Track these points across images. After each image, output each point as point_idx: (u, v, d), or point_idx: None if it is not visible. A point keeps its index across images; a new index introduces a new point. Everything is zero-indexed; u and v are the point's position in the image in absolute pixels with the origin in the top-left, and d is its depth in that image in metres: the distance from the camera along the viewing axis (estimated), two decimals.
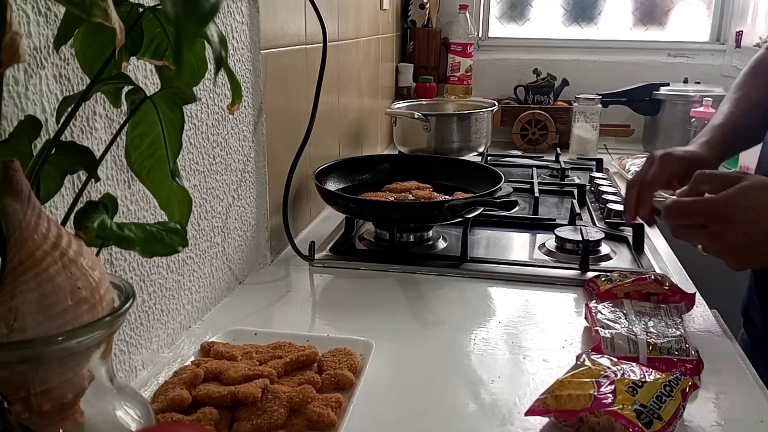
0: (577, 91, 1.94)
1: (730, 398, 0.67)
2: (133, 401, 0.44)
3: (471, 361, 0.74)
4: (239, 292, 0.92)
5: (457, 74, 2.07)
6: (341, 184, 1.21)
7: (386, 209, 1.05)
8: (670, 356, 0.70)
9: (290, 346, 0.71)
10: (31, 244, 0.36)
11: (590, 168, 1.65)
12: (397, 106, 1.68)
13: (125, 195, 0.63)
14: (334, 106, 1.31)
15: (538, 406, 0.61)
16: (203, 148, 0.79)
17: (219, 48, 0.39)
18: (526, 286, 0.95)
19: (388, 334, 0.79)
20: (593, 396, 0.59)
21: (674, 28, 2.16)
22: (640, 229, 1.10)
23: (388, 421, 0.63)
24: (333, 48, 1.23)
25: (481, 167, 1.25)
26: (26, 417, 0.37)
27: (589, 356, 0.67)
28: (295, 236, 1.08)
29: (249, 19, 0.89)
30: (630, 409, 0.56)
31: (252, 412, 0.59)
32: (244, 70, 0.89)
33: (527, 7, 2.22)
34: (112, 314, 0.38)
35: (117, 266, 0.63)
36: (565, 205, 1.32)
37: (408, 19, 2.06)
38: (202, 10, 0.31)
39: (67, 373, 0.37)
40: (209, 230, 0.83)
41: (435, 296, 0.92)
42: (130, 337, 0.66)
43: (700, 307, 0.87)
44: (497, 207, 1.00)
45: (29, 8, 0.49)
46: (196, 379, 0.63)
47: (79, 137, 0.56)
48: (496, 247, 1.12)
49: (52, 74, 0.52)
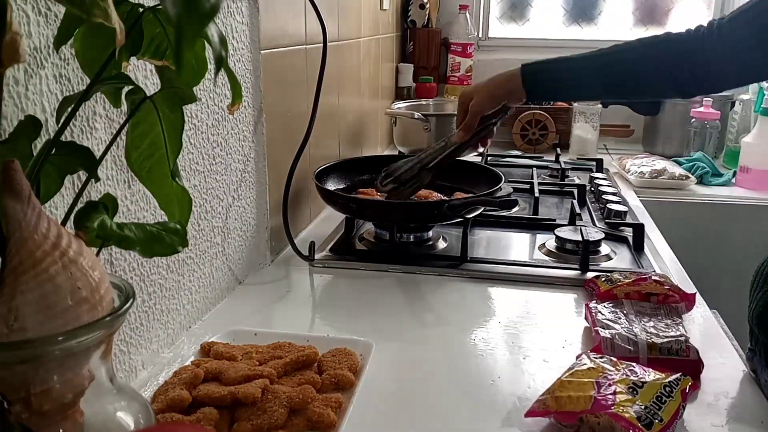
0: None
1: (730, 398, 0.67)
2: (133, 401, 0.44)
3: (471, 362, 0.74)
4: (239, 293, 0.92)
5: (457, 74, 2.08)
6: (341, 185, 1.21)
7: (386, 209, 1.05)
8: (670, 356, 0.70)
9: (290, 347, 0.71)
10: (31, 244, 0.36)
11: (590, 168, 1.65)
12: (397, 106, 1.68)
13: (125, 195, 0.63)
14: (334, 106, 1.31)
15: (538, 408, 0.61)
16: (203, 148, 0.79)
17: (219, 48, 0.39)
18: (526, 286, 0.95)
19: (388, 334, 0.79)
20: (593, 397, 0.59)
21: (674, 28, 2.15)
22: (640, 230, 1.10)
23: (388, 421, 0.63)
24: (333, 48, 1.23)
25: (481, 167, 1.25)
26: (26, 417, 0.37)
27: (589, 356, 0.67)
28: (295, 236, 1.08)
29: (249, 19, 0.89)
30: (630, 411, 0.56)
31: (252, 412, 0.59)
32: (244, 70, 0.89)
33: (527, 7, 2.22)
34: (112, 314, 0.38)
35: (117, 266, 0.63)
36: (565, 206, 1.32)
37: (408, 19, 2.06)
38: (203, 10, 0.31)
39: (67, 373, 0.37)
40: (209, 230, 0.83)
41: (435, 296, 0.92)
42: (130, 337, 0.66)
43: (700, 307, 0.87)
44: (497, 206, 1.00)
45: (29, 8, 0.49)
46: (196, 379, 0.63)
47: (79, 137, 0.56)
48: (496, 248, 1.12)
49: (52, 74, 0.52)
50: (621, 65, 0.99)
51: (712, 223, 1.54)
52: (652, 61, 0.97)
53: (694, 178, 1.62)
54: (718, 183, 1.65)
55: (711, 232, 1.54)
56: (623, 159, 1.73)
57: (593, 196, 1.39)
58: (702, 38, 0.95)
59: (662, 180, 1.59)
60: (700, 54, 0.94)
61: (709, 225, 1.54)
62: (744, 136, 1.67)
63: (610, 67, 1.00)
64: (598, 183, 1.41)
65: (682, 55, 0.96)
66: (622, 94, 1.10)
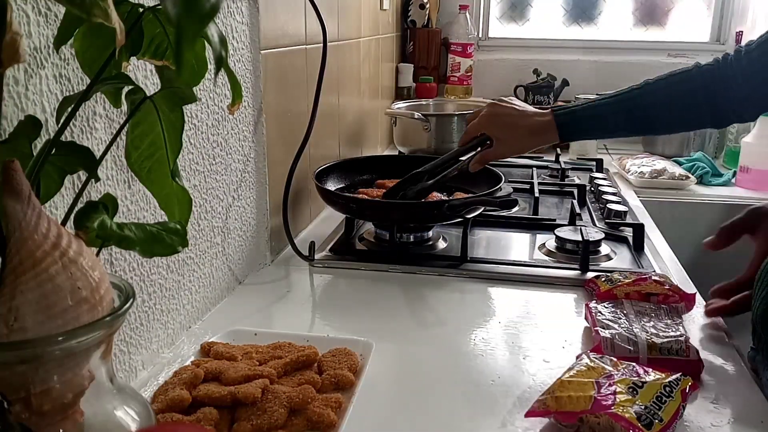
0: (577, 91, 1.94)
1: (730, 398, 0.67)
2: (133, 401, 0.44)
3: (471, 362, 0.74)
4: (239, 293, 0.92)
5: (457, 74, 2.08)
6: (341, 185, 1.21)
7: (386, 209, 1.05)
8: (670, 356, 0.70)
9: (290, 347, 0.71)
10: (31, 244, 0.36)
11: (590, 168, 1.65)
12: (397, 106, 1.68)
13: (125, 195, 0.63)
14: (334, 106, 1.31)
15: (537, 408, 0.61)
16: (203, 148, 0.79)
17: (219, 48, 0.39)
18: (526, 286, 0.95)
19: (388, 335, 0.79)
20: (593, 397, 0.59)
21: (674, 28, 2.16)
22: (640, 230, 1.10)
23: (388, 421, 0.63)
24: (333, 48, 1.23)
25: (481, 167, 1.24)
26: (26, 417, 0.37)
27: (589, 356, 0.67)
28: (295, 236, 1.08)
29: (249, 19, 0.89)
30: (630, 411, 0.56)
31: (252, 412, 0.59)
32: (244, 70, 0.89)
33: (527, 7, 2.22)
34: (112, 314, 0.38)
35: (117, 266, 0.63)
36: (565, 206, 1.32)
37: (408, 19, 2.06)
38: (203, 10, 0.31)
39: (67, 373, 0.37)
40: (209, 230, 0.83)
41: (435, 296, 0.92)
42: (130, 337, 0.66)
43: (700, 307, 0.87)
44: (497, 206, 1.00)
45: (29, 8, 0.49)
46: (196, 379, 0.63)
47: (79, 137, 0.56)
48: (496, 248, 1.12)
49: (52, 74, 0.52)
50: (654, 105, 0.99)
51: (712, 223, 1.53)
52: (686, 95, 0.97)
53: (694, 178, 1.62)
54: (718, 183, 1.65)
55: (711, 232, 1.53)
56: (623, 159, 1.73)
57: (593, 196, 1.39)
58: (732, 65, 0.94)
59: (662, 180, 1.59)
60: (733, 81, 0.94)
61: (709, 225, 1.53)
62: (744, 136, 1.67)
63: (643, 110, 0.99)
64: (598, 183, 1.41)
65: (715, 84, 0.95)
66: (658, 130, 1.10)
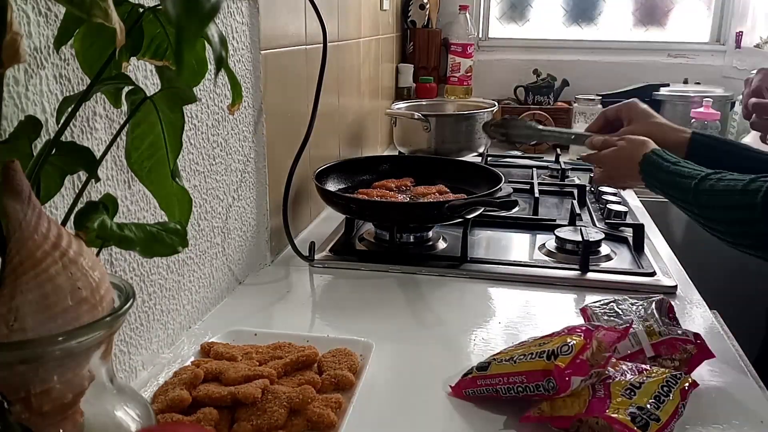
0: (577, 91, 1.94)
1: (730, 398, 0.67)
2: (133, 401, 0.44)
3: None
4: (239, 293, 0.92)
5: (457, 75, 2.07)
6: (341, 185, 1.21)
7: (386, 209, 1.05)
8: (671, 336, 0.69)
9: (290, 347, 0.71)
10: (32, 245, 0.36)
11: (590, 168, 1.65)
12: (397, 106, 1.68)
13: (125, 195, 0.63)
14: (334, 106, 1.31)
15: (533, 413, 0.61)
16: (203, 148, 0.79)
17: (219, 48, 0.39)
18: (526, 286, 0.95)
19: (388, 335, 0.79)
20: (588, 401, 0.59)
21: (674, 28, 2.16)
22: (640, 230, 1.10)
23: (388, 421, 0.63)
24: (333, 48, 1.23)
25: (482, 168, 1.25)
26: (26, 417, 0.37)
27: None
28: (295, 237, 1.08)
29: (249, 20, 0.89)
30: (624, 413, 0.56)
31: (252, 412, 0.59)
32: (244, 70, 0.89)
33: (527, 8, 2.22)
34: (112, 314, 0.38)
35: (117, 266, 0.63)
36: (565, 206, 1.32)
37: (408, 19, 2.06)
38: (203, 11, 0.31)
39: (67, 373, 0.37)
40: (209, 230, 0.83)
41: (435, 296, 0.92)
42: (130, 337, 0.66)
43: (700, 307, 0.87)
44: (497, 207, 1.00)
45: (29, 8, 0.49)
46: (196, 379, 0.63)
47: (79, 137, 0.56)
48: (496, 248, 1.12)
49: (53, 74, 0.52)
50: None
51: None
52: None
53: None
54: None
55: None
56: None
57: (593, 196, 1.39)
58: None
59: None
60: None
61: None
62: (744, 136, 1.67)
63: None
64: None
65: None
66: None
